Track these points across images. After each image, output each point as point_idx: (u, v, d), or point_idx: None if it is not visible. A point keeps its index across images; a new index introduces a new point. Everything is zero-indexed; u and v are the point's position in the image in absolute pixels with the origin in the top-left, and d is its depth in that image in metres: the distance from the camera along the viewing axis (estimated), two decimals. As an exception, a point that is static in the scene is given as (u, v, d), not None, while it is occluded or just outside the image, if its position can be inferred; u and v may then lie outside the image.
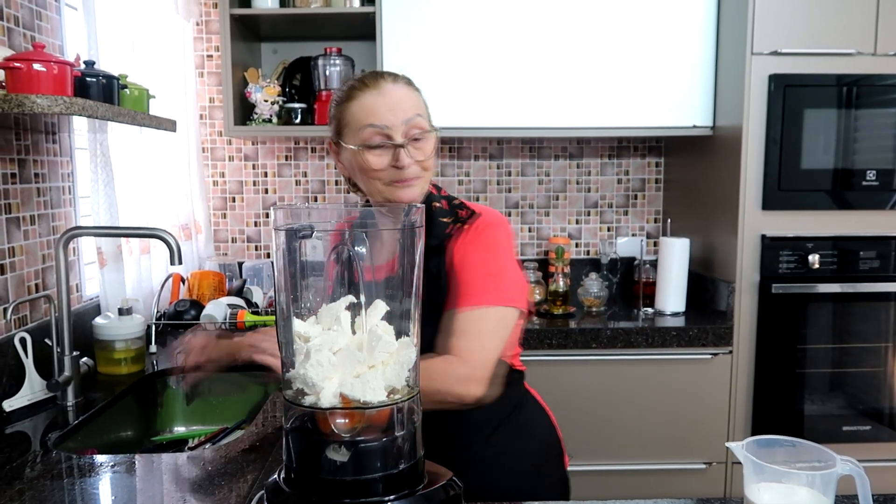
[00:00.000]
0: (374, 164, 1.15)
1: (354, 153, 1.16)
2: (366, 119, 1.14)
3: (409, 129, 1.15)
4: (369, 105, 1.15)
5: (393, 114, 1.14)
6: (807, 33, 2.08)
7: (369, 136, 1.14)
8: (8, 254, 1.51)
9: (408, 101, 1.17)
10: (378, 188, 1.18)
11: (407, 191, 1.18)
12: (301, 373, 0.72)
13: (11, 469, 1.13)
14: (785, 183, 2.11)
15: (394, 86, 1.17)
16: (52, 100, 1.25)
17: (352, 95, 1.17)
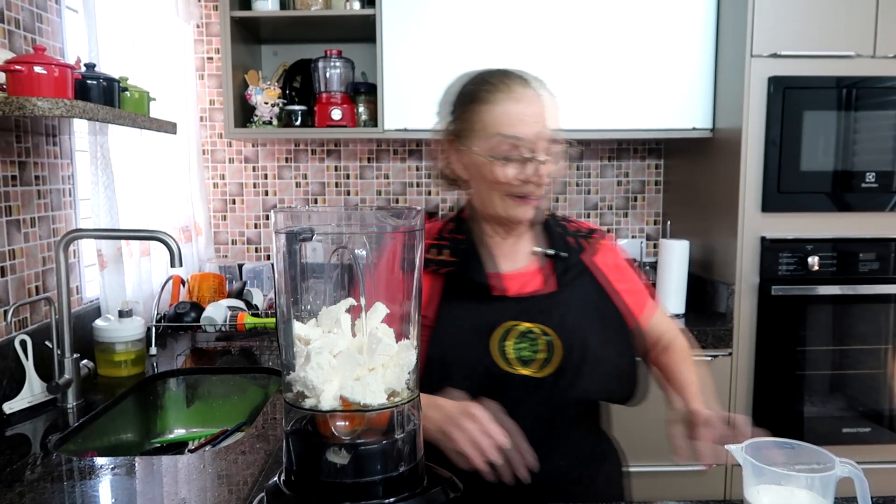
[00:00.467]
0: (500, 177, 1.09)
1: (478, 160, 1.11)
2: (498, 127, 1.08)
3: (542, 144, 1.09)
4: (502, 112, 1.08)
5: (527, 125, 1.07)
6: (806, 35, 2.08)
7: (499, 145, 1.08)
8: (8, 256, 1.51)
9: (541, 110, 1.10)
10: (496, 200, 1.13)
11: (525, 209, 1.13)
12: (301, 375, 0.72)
13: (12, 471, 1.13)
14: (784, 185, 2.11)
15: (535, 93, 1.10)
16: (53, 102, 1.25)
17: (484, 98, 1.10)
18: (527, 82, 1.11)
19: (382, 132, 2.32)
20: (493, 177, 1.09)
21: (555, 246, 1.19)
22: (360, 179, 2.72)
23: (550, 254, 1.18)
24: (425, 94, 2.30)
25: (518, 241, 1.20)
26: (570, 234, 1.23)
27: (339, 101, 2.35)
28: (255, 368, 1.79)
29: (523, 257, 1.19)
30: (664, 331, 1.28)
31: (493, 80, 1.12)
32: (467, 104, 1.13)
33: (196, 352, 1.94)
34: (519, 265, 1.18)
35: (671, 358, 1.25)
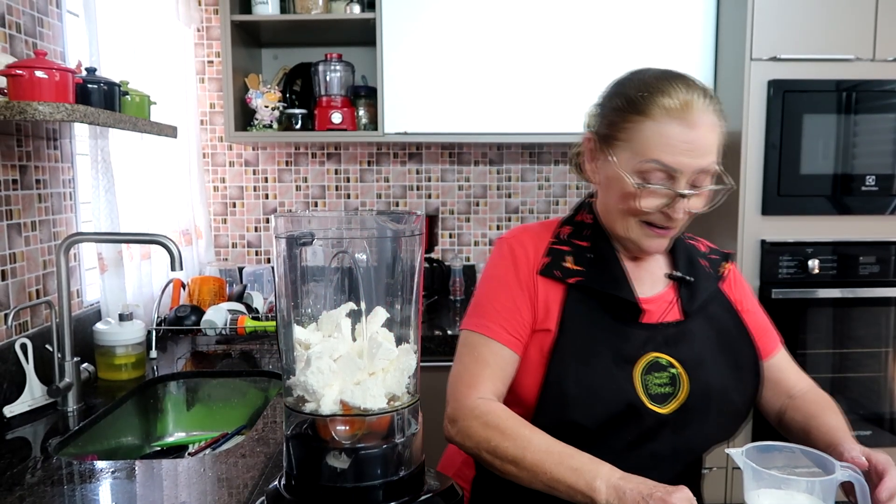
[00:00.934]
0: (644, 206, 0.97)
1: (622, 179, 0.97)
2: (657, 152, 0.94)
3: (698, 176, 0.96)
4: (669, 138, 0.93)
5: (690, 156, 0.93)
6: (806, 39, 2.09)
7: (650, 171, 0.95)
8: (9, 260, 1.51)
9: (710, 139, 0.95)
10: (629, 225, 1.01)
11: (659, 242, 1.02)
12: (301, 380, 0.72)
13: (12, 475, 1.13)
14: (784, 188, 2.11)
15: (702, 115, 0.94)
16: (54, 107, 1.25)
17: (652, 114, 0.95)
18: (707, 101, 0.96)
19: (382, 135, 2.32)
20: (632, 204, 0.98)
21: (682, 269, 1.08)
22: (360, 183, 2.72)
23: (677, 276, 1.08)
24: (425, 98, 2.31)
25: (646, 261, 1.10)
26: (702, 256, 1.13)
27: (340, 104, 2.36)
28: (255, 372, 1.79)
29: (657, 281, 1.09)
30: (793, 380, 1.12)
31: (668, 90, 0.96)
32: (628, 112, 0.98)
33: (196, 355, 1.94)
34: (655, 289, 1.08)
35: (810, 408, 1.06)
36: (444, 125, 2.31)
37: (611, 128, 1.01)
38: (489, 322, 1.05)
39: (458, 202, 2.74)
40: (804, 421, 1.05)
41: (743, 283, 1.16)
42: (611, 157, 0.99)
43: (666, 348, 1.02)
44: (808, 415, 1.05)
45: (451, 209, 2.74)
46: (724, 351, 1.05)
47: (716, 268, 1.12)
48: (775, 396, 1.12)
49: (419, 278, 0.79)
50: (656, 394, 1.00)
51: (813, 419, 1.03)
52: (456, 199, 2.73)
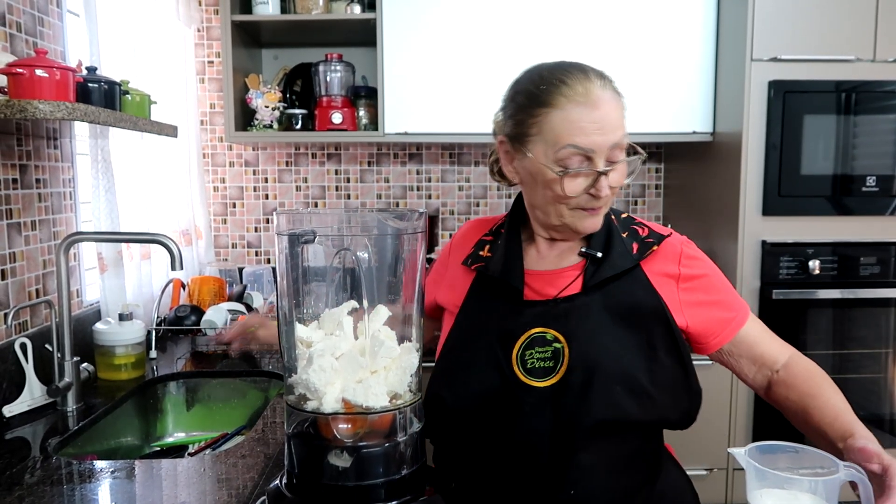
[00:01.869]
0: (570, 191, 0.99)
1: (543, 170, 1.00)
2: (570, 137, 0.96)
3: (612, 152, 0.98)
4: (576, 120, 0.96)
5: (601, 134, 0.96)
6: (806, 40, 2.09)
7: (567, 156, 0.97)
8: (9, 259, 1.51)
9: (616, 115, 0.98)
10: (560, 212, 1.03)
11: (593, 220, 1.04)
12: (303, 378, 0.72)
13: (11, 475, 1.13)
14: (785, 189, 2.11)
15: (602, 93, 0.97)
16: (55, 105, 1.25)
17: (555, 102, 0.98)
18: (603, 79, 1.00)
19: (383, 136, 2.32)
20: (558, 191, 0.99)
21: (595, 246, 1.08)
22: (360, 183, 2.72)
23: (584, 253, 1.08)
24: (426, 98, 2.31)
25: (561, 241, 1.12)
26: (636, 240, 1.10)
27: (340, 104, 2.36)
28: (255, 372, 1.79)
29: (567, 258, 1.11)
30: (772, 351, 1.10)
31: (568, 78, 0.99)
32: (535, 106, 1.01)
33: (196, 355, 1.94)
34: (561, 265, 1.10)
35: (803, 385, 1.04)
36: (445, 125, 2.31)
37: (520, 126, 1.04)
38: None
39: (459, 202, 2.73)
40: (800, 401, 1.02)
41: (694, 262, 1.11)
42: (527, 153, 1.02)
43: (554, 323, 1.03)
44: (805, 394, 1.02)
45: (452, 209, 2.74)
46: (627, 327, 1.03)
47: (644, 250, 1.09)
48: (756, 370, 1.11)
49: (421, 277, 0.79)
50: (535, 368, 1.02)
51: (812, 399, 1.01)
52: (456, 199, 2.73)
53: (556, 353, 1.02)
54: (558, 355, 1.02)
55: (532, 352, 1.02)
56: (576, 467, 0.99)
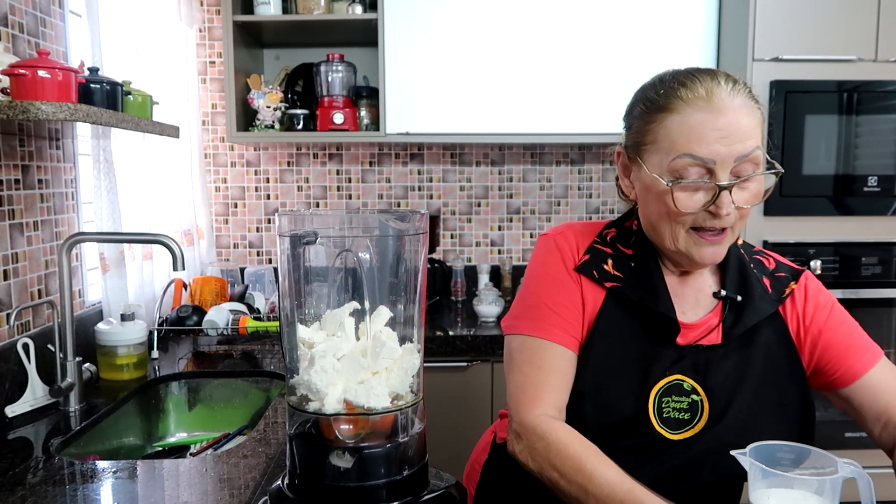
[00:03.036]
0: (682, 206, 0.88)
1: (656, 182, 0.90)
2: (687, 146, 0.86)
3: (740, 166, 0.87)
4: (696, 126, 0.86)
5: (725, 144, 0.85)
6: (808, 40, 2.09)
7: (684, 167, 0.87)
8: (11, 259, 1.51)
9: (747, 124, 0.87)
10: (676, 234, 0.92)
11: (713, 249, 0.91)
12: (305, 379, 0.72)
13: (14, 475, 1.13)
14: (787, 189, 2.11)
15: (732, 100, 0.87)
16: (57, 106, 1.25)
17: (673, 106, 0.89)
18: (734, 84, 0.89)
19: (384, 136, 2.32)
20: (671, 205, 0.89)
21: (732, 287, 0.97)
22: (361, 183, 2.72)
23: (724, 296, 0.98)
24: (427, 98, 2.31)
25: (693, 276, 1.01)
26: (766, 274, 1.00)
27: (341, 104, 2.36)
28: (256, 372, 1.79)
29: (703, 300, 1.00)
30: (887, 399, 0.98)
31: (691, 81, 0.90)
32: (650, 113, 0.93)
33: (198, 355, 1.94)
34: (698, 311, 0.99)
35: None
36: (446, 126, 2.31)
37: (637, 135, 0.95)
38: (546, 324, 0.98)
39: (460, 203, 2.74)
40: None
41: (819, 299, 1.01)
42: (643, 164, 0.93)
43: (692, 372, 0.95)
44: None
45: (453, 210, 2.74)
46: (765, 384, 0.95)
47: (780, 287, 0.99)
48: (870, 420, 1.00)
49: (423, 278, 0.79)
50: (671, 418, 0.94)
51: None
52: (457, 199, 2.73)
53: (694, 406, 0.94)
54: (696, 409, 0.94)
55: (669, 399, 0.94)
56: None
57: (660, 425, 0.94)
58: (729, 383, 0.95)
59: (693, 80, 0.90)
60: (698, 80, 0.89)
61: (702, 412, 0.94)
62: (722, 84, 0.88)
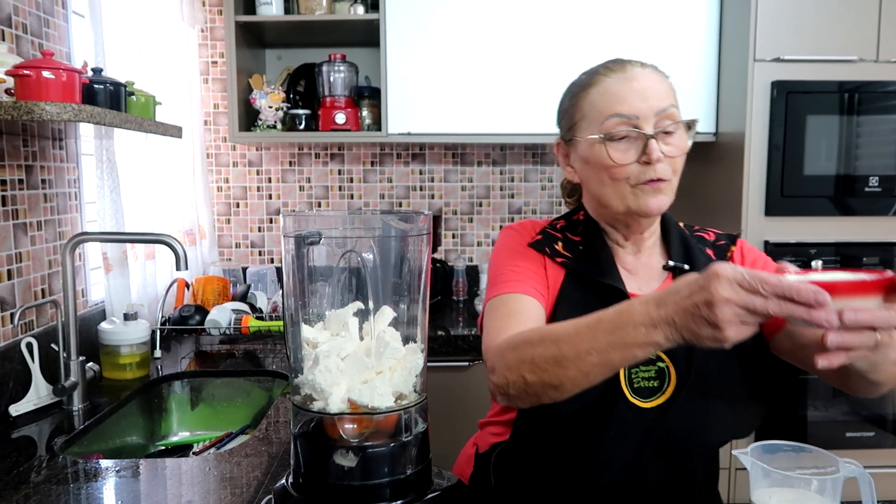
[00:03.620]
0: (618, 158, 0.97)
1: (592, 147, 1.00)
2: (610, 107, 0.98)
3: (660, 121, 0.98)
4: (615, 91, 0.99)
5: (644, 101, 0.97)
6: (809, 40, 2.09)
7: (613, 126, 0.98)
8: (15, 259, 1.51)
9: (660, 87, 1.00)
10: (621, 192, 1.00)
11: (656, 198, 0.99)
12: (309, 378, 0.72)
13: (18, 473, 1.14)
14: (788, 189, 2.11)
15: (643, 71, 1.01)
16: (61, 107, 1.26)
17: (593, 81, 1.02)
18: (644, 63, 1.03)
19: (386, 136, 2.33)
20: (611, 160, 0.98)
21: (677, 257, 1.04)
22: (363, 183, 2.72)
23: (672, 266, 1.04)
24: (429, 98, 2.31)
25: (644, 254, 1.08)
26: (708, 245, 1.09)
27: (343, 105, 2.36)
28: (259, 371, 1.79)
29: (654, 274, 1.07)
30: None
31: (607, 64, 1.04)
32: (577, 94, 1.04)
33: (200, 355, 1.94)
34: (651, 284, 1.06)
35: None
36: (448, 126, 2.32)
37: (568, 120, 1.06)
38: (510, 282, 1.04)
39: (461, 203, 2.74)
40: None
41: (755, 255, 1.10)
42: (578, 140, 1.03)
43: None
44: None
45: (454, 210, 2.74)
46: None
47: (722, 254, 1.08)
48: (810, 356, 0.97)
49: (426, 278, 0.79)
50: (641, 387, 0.99)
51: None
52: (459, 199, 2.74)
53: (661, 373, 0.99)
54: (664, 375, 0.99)
55: (637, 369, 0.99)
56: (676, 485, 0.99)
57: (632, 395, 0.98)
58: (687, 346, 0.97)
59: (609, 62, 1.04)
60: (613, 62, 1.04)
61: (669, 378, 0.99)
62: (634, 62, 1.03)
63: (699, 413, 0.97)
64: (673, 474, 1.00)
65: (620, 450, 0.97)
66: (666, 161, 0.97)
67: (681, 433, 0.97)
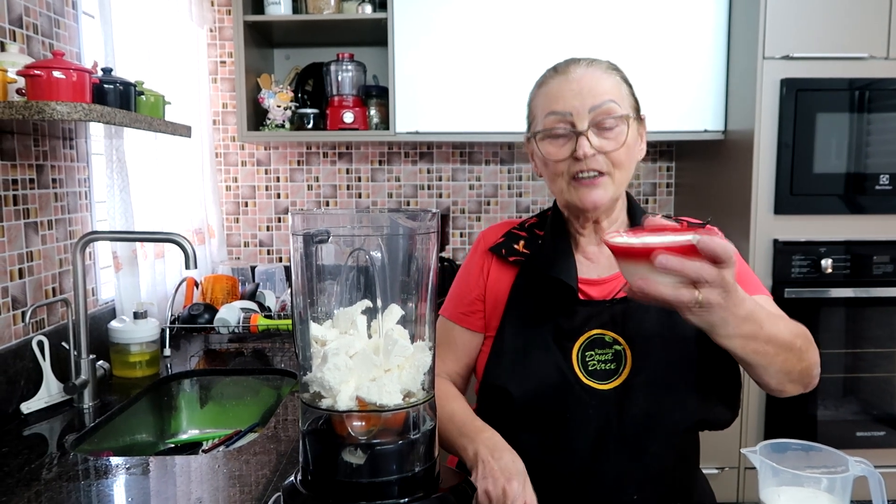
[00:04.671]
0: (552, 154, 1.03)
1: (538, 144, 1.06)
2: (549, 106, 1.04)
3: (596, 116, 1.01)
4: (555, 90, 1.04)
5: (579, 99, 1.01)
6: (819, 37, 2.08)
7: (551, 124, 1.03)
8: (26, 258, 1.53)
9: (600, 85, 1.02)
10: (561, 187, 1.05)
11: (590, 192, 1.02)
12: (318, 376, 0.72)
13: (29, 471, 1.15)
14: (797, 187, 2.10)
15: (586, 70, 1.04)
16: (72, 107, 1.27)
17: (542, 82, 1.08)
18: (592, 61, 1.06)
19: (394, 135, 2.33)
20: (548, 156, 1.04)
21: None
22: (371, 182, 2.73)
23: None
24: (437, 97, 2.31)
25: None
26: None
27: (351, 104, 2.37)
28: (267, 370, 1.80)
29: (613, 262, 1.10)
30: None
31: (557, 65, 1.09)
32: (532, 93, 1.12)
33: (209, 353, 1.95)
34: (613, 269, 1.08)
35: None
36: (455, 124, 2.32)
37: (527, 118, 1.12)
38: (451, 306, 1.21)
39: (469, 201, 2.74)
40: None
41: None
42: (531, 136, 1.08)
43: (611, 325, 1.03)
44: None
45: (462, 208, 2.74)
46: (680, 326, 0.99)
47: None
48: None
49: (434, 276, 0.79)
50: (597, 370, 1.02)
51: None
52: (467, 198, 2.74)
53: (618, 356, 1.02)
54: (620, 358, 1.02)
55: (593, 353, 1.03)
56: (641, 470, 1.00)
57: (587, 377, 1.02)
58: (648, 329, 1.02)
59: (560, 63, 1.09)
60: (563, 62, 1.08)
61: (626, 360, 1.02)
62: (580, 61, 1.06)
63: (658, 395, 0.99)
64: (639, 459, 1.01)
65: (582, 434, 1.00)
66: (602, 156, 1.01)
67: (640, 415, 1.00)
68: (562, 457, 1.02)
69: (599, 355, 1.03)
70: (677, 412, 1.01)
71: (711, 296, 0.73)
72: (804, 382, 0.96)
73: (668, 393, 1.00)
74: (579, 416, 1.01)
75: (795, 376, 0.93)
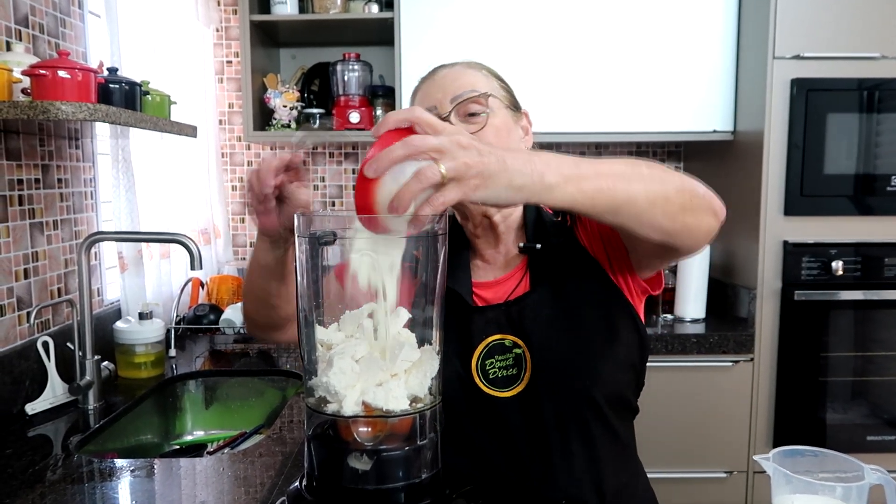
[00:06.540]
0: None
1: None
2: (420, 105, 1.05)
3: (459, 106, 1.00)
4: (424, 91, 1.06)
5: (441, 92, 1.02)
6: (829, 37, 2.05)
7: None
8: (31, 258, 1.52)
9: (462, 77, 1.03)
10: None
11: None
12: (323, 381, 0.71)
13: (34, 472, 1.14)
14: (807, 188, 2.08)
15: (450, 69, 1.06)
16: (77, 106, 1.26)
17: (414, 91, 1.09)
18: (456, 63, 1.07)
19: (400, 135, 2.31)
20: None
21: (531, 237, 1.04)
22: (377, 182, 2.72)
23: (525, 248, 1.04)
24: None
25: (502, 242, 1.07)
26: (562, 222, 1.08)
27: (357, 104, 2.36)
28: (272, 371, 1.80)
29: (511, 260, 1.07)
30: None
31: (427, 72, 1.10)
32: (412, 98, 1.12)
33: (214, 354, 1.95)
34: (508, 268, 1.06)
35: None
36: (462, 125, 2.31)
37: None
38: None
39: (476, 202, 2.73)
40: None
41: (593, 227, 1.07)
42: None
43: (509, 328, 1.00)
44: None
45: (469, 209, 2.73)
46: (586, 315, 0.99)
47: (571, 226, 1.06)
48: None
49: (441, 279, 0.78)
50: (498, 377, 0.99)
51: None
52: (473, 198, 2.72)
53: (519, 360, 0.99)
54: (521, 361, 0.99)
55: (493, 360, 1.00)
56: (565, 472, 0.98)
57: (487, 386, 0.99)
58: (545, 325, 0.99)
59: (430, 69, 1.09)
60: (432, 69, 1.08)
61: (526, 364, 0.99)
62: (448, 64, 1.07)
63: (561, 394, 0.96)
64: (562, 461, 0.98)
65: (494, 445, 0.98)
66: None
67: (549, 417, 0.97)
68: (486, 470, 0.99)
69: (500, 362, 1.00)
70: (584, 409, 0.98)
71: (460, 159, 0.66)
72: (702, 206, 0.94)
73: (572, 391, 0.97)
74: (487, 428, 0.99)
75: (677, 206, 0.87)
